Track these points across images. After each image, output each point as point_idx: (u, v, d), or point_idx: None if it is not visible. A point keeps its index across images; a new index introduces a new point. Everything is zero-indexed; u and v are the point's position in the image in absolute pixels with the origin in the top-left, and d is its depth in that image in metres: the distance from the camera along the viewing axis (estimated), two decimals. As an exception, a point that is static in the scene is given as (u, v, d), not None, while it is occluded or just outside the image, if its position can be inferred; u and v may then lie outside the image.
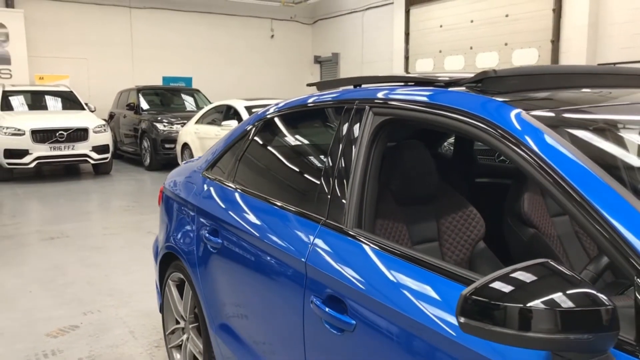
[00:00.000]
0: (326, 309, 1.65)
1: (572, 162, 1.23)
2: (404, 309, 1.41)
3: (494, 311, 0.98)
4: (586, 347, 0.97)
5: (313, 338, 1.74)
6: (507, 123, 1.38)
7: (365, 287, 1.55)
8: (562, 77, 1.75)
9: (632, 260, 1.05)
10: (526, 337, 0.96)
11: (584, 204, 1.15)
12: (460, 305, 1.02)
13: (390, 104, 1.81)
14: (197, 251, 2.57)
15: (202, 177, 2.84)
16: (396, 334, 1.43)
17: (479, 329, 1.00)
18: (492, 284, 1.01)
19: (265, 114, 2.56)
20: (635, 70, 1.90)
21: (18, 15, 13.78)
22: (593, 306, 0.95)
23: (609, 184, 1.16)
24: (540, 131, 1.32)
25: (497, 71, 1.60)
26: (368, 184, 1.79)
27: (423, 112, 1.66)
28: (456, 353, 1.26)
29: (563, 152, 1.26)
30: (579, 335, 0.94)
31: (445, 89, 1.70)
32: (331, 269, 1.69)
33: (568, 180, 1.20)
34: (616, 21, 10.08)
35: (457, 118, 1.52)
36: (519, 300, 0.96)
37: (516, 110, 1.42)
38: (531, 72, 1.67)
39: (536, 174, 1.27)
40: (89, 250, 5.67)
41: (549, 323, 0.94)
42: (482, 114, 1.46)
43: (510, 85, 1.60)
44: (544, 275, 1.00)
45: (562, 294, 0.96)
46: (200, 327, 2.63)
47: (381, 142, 1.84)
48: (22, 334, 3.61)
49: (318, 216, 1.89)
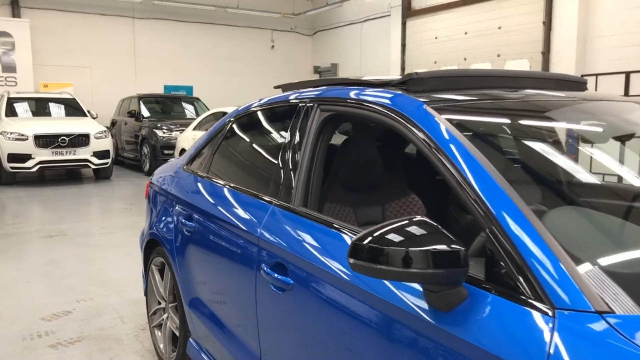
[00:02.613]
0: (273, 274, 1.94)
1: (454, 141, 1.51)
2: (326, 267, 1.70)
3: (380, 255, 1.26)
4: (447, 279, 1.25)
5: (262, 300, 2.03)
6: (411, 113, 1.68)
7: (301, 252, 1.84)
8: (478, 79, 2.04)
9: (483, 213, 1.33)
10: (406, 273, 1.23)
11: (457, 174, 1.44)
12: (351, 250, 1.30)
13: (332, 102, 2.10)
14: (175, 236, 2.87)
15: (183, 170, 3.14)
16: (321, 286, 1.72)
17: (368, 268, 1.28)
18: (375, 234, 1.29)
19: (236, 114, 2.87)
20: (546, 74, 2.19)
21: (24, 25, 14.19)
22: (452, 249, 1.23)
23: (477, 158, 1.44)
24: (436, 121, 1.61)
25: (418, 73, 1.89)
26: (314, 169, 2.08)
27: (355, 107, 1.95)
28: (349, 289, 1.59)
29: (448, 135, 1.54)
30: (442, 270, 1.22)
31: (377, 88, 1.99)
32: (277, 240, 1.98)
33: (447, 155, 1.48)
34: (604, 34, 10.33)
35: (376, 110, 1.82)
36: (404, 245, 1.23)
37: (421, 103, 1.70)
38: (448, 74, 1.97)
39: (429, 154, 1.55)
40: (85, 247, 5.96)
41: (423, 262, 1.22)
42: (395, 106, 1.75)
43: (430, 85, 1.89)
44: (423, 230, 1.28)
45: (432, 241, 1.25)
46: (177, 305, 2.92)
47: (326, 134, 2.13)
48: (18, 318, 3.90)
49: (272, 198, 2.18)
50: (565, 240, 1.25)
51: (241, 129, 2.86)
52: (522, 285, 1.20)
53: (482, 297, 1.27)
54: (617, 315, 1.08)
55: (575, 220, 1.49)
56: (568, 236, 1.33)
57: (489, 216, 1.31)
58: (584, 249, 1.30)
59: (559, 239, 1.24)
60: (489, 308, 1.24)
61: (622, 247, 1.41)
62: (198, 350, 2.69)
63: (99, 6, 15.40)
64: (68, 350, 3.39)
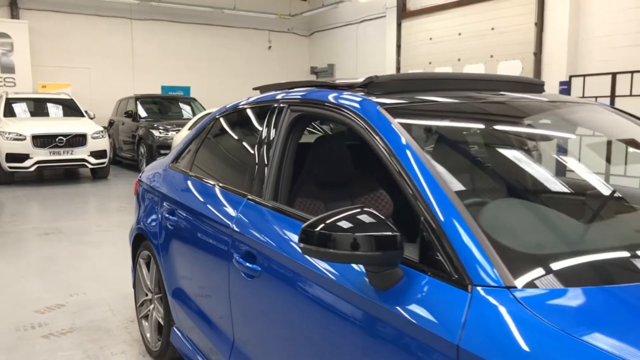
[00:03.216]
0: (244, 262, 2.09)
1: (399, 139, 1.67)
2: (289, 254, 1.85)
3: (329, 240, 1.41)
4: (385, 260, 1.41)
5: (234, 287, 2.18)
6: (365, 112, 1.83)
7: (268, 241, 1.99)
8: (435, 82, 2.19)
9: (420, 205, 1.48)
10: (352, 255, 1.39)
11: (400, 169, 1.59)
12: (301, 236, 1.45)
13: (300, 103, 2.26)
14: (160, 230, 3.02)
15: (169, 168, 3.30)
16: (284, 272, 1.88)
17: (318, 252, 1.43)
18: (328, 220, 1.43)
19: (217, 114, 3.02)
20: (504, 77, 2.34)
21: (22, 26, 14.35)
22: (390, 235, 1.39)
23: (417, 152, 1.60)
24: (386, 120, 1.76)
25: (378, 77, 2.05)
26: (285, 165, 2.23)
27: (319, 108, 2.11)
28: (306, 274, 1.75)
29: (395, 134, 1.69)
30: (382, 252, 1.38)
31: (341, 90, 2.14)
32: (248, 231, 2.13)
33: (392, 151, 1.64)
34: (595, 35, 10.43)
35: (336, 110, 1.97)
36: (351, 231, 1.39)
37: (375, 104, 1.86)
38: (406, 77, 2.12)
39: (378, 149, 1.71)
40: (80, 244, 6.12)
41: (366, 246, 1.38)
42: (351, 107, 1.90)
43: (388, 87, 2.04)
44: (364, 218, 1.43)
45: (374, 228, 1.40)
46: (162, 296, 3.07)
47: (296, 133, 2.28)
48: (13, 311, 4.05)
49: (245, 192, 2.34)
50: (488, 228, 1.40)
51: (221, 129, 3.02)
52: (448, 265, 1.35)
53: (415, 276, 1.42)
54: (522, 290, 1.23)
55: (503, 210, 1.64)
56: (492, 224, 1.48)
57: (423, 205, 1.47)
58: (503, 235, 1.45)
59: (483, 227, 1.39)
60: (419, 286, 1.39)
61: (538, 233, 1.56)
62: (181, 338, 2.84)
63: (97, 7, 15.56)
64: (60, 341, 3.54)
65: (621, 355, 1.02)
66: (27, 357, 3.31)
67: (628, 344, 1.05)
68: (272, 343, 1.98)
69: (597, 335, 1.09)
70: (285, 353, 1.90)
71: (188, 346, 2.74)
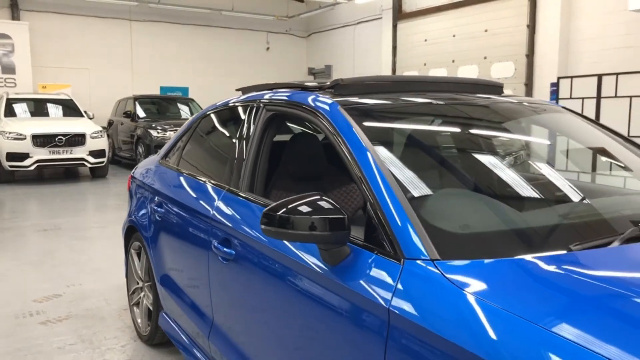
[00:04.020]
0: (221, 248, 2.30)
1: (353, 135, 1.88)
2: (258, 239, 2.06)
3: (287, 222, 1.61)
4: (334, 239, 1.62)
5: (213, 271, 2.40)
6: (326, 111, 2.04)
7: (241, 228, 2.21)
8: (396, 84, 2.40)
9: (367, 191, 1.69)
10: (306, 235, 1.59)
11: (352, 160, 1.80)
12: (263, 218, 1.66)
13: (274, 103, 2.47)
14: (149, 222, 3.23)
15: (158, 164, 3.51)
16: (254, 254, 2.09)
17: (277, 232, 1.64)
18: (289, 205, 1.63)
19: (202, 114, 3.24)
20: (464, 79, 2.55)
21: (23, 27, 14.58)
22: (339, 217, 1.59)
23: (367, 146, 1.81)
24: (344, 118, 1.97)
25: (343, 80, 2.26)
26: (260, 160, 2.44)
27: (289, 107, 2.32)
28: (271, 254, 1.97)
29: (350, 130, 1.90)
30: (332, 232, 1.59)
31: (310, 92, 2.35)
32: (225, 219, 2.34)
33: (347, 144, 1.85)
34: (586, 37, 10.61)
35: (303, 109, 2.18)
36: (309, 214, 1.59)
37: (335, 104, 2.07)
38: (369, 80, 2.33)
39: (335, 143, 1.92)
40: (77, 240, 6.33)
41: (326, 227, 1.58)
42: (315, 106, 2.11)
43: (352, 89, 2.25)
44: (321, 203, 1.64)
45: (327, 212, 1.61)
46: (151, 284, 3.28)
47: (271, 131, 2.49)
48: (12, 300, 4.27)
49: (224, 185, 2.55)
50: (422, 212, 1.62)
51: (205, 127, 3.23)
52: (386, 243, 1.56)
53: (360, 253, 1.63)
54: (444, 262, 1.44)
55: (439, 197, 1.85)
56: (427, 209, 1.69)
57: (369, 192, 1.68)
58: (435, 218, 1.65)
59: (418, 211, 1.60)
60: (363, 261, 1.60)
61: (465, 217, 1.77)
62: (168, 321, 3.05)
63: (96, 9, 15.79)
64: (56, 327, 3.75)
65: (510, 310, 1.23)
66: (25, 341, 3.52)
67: (518, 303, 1.26)
68: (245, 318, 2.19)
69: (496, 295, 1.29)
70: (256, 325, 2.11)
71: (174, 328, 2.95)
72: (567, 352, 1.10)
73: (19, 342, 3.51)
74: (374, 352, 1.46)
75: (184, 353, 2.82)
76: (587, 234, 1.67)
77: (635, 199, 2.19)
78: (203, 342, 2.58)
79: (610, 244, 1.54)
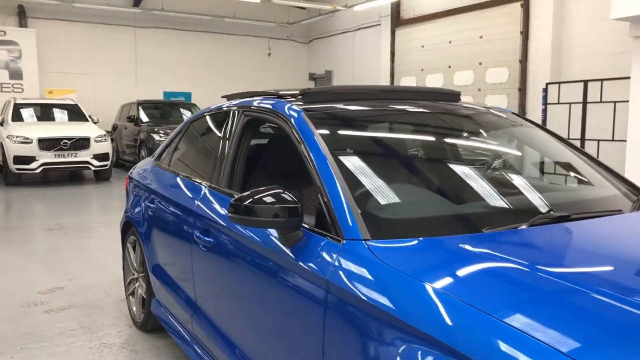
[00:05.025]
0: (202, 237, 2.61)
1: (312, 137, 2.19)
2: (232, 227, 2.37)
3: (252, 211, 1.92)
4: (290, 224, 1.93)
5: (195, 258, 2.71)
6: (293, 118, 2.35)
7: (219, 219, 2.52)
8: (358, 93, 2.71)
9: (318, 184, 2.00)
10: (266, 221, 1.91)
11: (309, 159, 2.11)
12: (231, 208, 1.97)
13: (250, 109, 2.78)
14: (143, 217, 3.55)
15: (152, 165, 3.83)
16: (228, 241, 2.40)
17: (241, 220, 1.95)
18: (256, 196, 1.94)
19: (193, 118, 3.56)
20: (421, 88, 2.86)
21: (30, 34, 15.00)
22: (293, 206, 1.90)
23: (321, 146, 2.12)
24: (307, 125, 2.28)
25: (310, 89, 2.57)
26: (238, 159, 2.75)
27: (262, 113, 2.63)
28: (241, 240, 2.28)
29: (310, 133, 2.21)
30: (289, 219, 1.90)
31: (280, 99, 2.66)
32: (205, 212, 2.66)
33: (306, 146, 2.16)
34: (577, 43, 10.83)
35: (273, 115, 2.49)
36: (274, 204, 1.91)
37: (300, 111, 2.37)
38: (334, 89, 2.65)
39: (297, 145, 2.23)
40: (81, 239, 6.67)
41: (283, 214, 1.89)
42: (283, 112, 2.43)
43: (319, 97, 2.57)
44: (279, 195, 1.95)
45: (283, 200, 1.92)
46: (145, 274, 3.60)
47: (248, 133, 2.80)
48: (19, 291, 4.60)
49: (207, 182, 2.86)
50: (362, 202, 1.93)
51: (193, 130, 3.56)
52: (331, 227, 1.87)
53: (310, 236, 1.94)
54: (373, 241, 1.75)
55: (380, 189, 2.16)
56: (366, 200, 2.01)
57: (319, 184, 1.99)
58: (372, 207, 1.97)
59: (358, 201, 1.91)
60: (312, 242, 1.91)
61: (398, 206, 2.09)
62: (159, 307, 3.37)
63: (101, 16, 16.18)
64: (58, 315, 4.07)
65: (416, 276, 1.53)
66: (30, 326, 3.84)
67: (424, 271, 1.56)
68: (220, 297, 2.51)
69: (415, 268, 1.60)
70: (228, 302, 2.44)
71: (164, 312, 3.26)
72: (445, 302, 1.42)
73: (25, 327, 3.83)
74: (318, 315, 1.77)
75: (172, 334, 3.14)
76: (500, 221, 1.97)
77: (553, 192, 2.53)
78: (187, 323, 2.89)
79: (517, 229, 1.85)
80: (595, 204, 2.35)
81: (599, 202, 2.35)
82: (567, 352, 1.17)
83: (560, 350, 1.18)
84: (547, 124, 10.22)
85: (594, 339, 1.23)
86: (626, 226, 2.06)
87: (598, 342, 1.22)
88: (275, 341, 2.07)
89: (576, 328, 1.26)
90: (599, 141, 9.19)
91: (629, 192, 2.42)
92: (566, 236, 1.90)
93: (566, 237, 1.90)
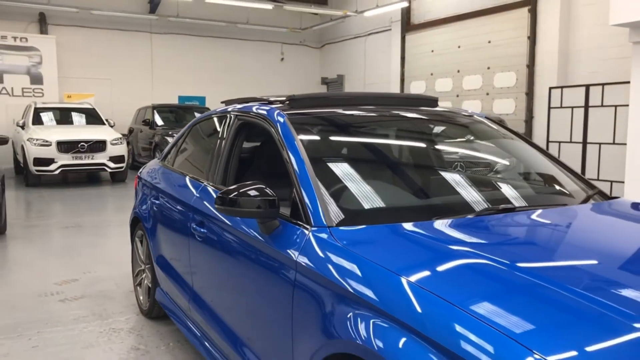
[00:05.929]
0: (198, 229, 2.91)
1: (292, 140, 2.47)
2: (221, 217, 2.66)
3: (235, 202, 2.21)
4: (269, 214, 2.21)
5: (192, 247, 3.01)
6: (277, 122, 2.63)
7: (212, 212, 2.81)
8: (339, 99, 2.99)
9: (293, 178, 2.28)
10: (248, 212, 2.20)
11: (286, 153, 2.39)
12: (217, 199, 2.26)
13: (242, 113, 3.07)
14: (149, 213, 3.86)
15: (159, 164, 4.14)
16: (220, 231, 2.69)
17: (226, 210, 2.24)
18: (241, 189, 2.23)
19: (194, 122, 3.87)
20: (400, 95, 3.13)
21: (50, 41, 15.52)
22: (271, 198, 2.19)
23: (298, 146, 2.40)
24: (289, 129, 2.56)
25: (295, 96, 2.86)
26: (232, 159, 3.04)
27: (251, 117, 2.92)
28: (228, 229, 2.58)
29: (290, 136, 2.49)
30: (267, 209, 2.18)
31: (269, 104, 2.94)
32: (201, 206, 2.96)
33: (286, 147, 2.44)
34: (584, 47, 10.92)
35: (260, 119, 2.78)
36: (255, 197, 2.19)
37: (284, 116, 2.66)
38: (317, 96, 2.93)
39: (280, 147, 2.51)
40: (96, 236, 7.03)
41: (264, 205, 2.18)
42: (269, 116, 2.71)
43: (303, 103, 2.85)
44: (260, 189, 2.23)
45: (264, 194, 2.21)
46: (150, 265, 3.91)
47: (241, 136, 3.09)
48: (36, 282, 4.94)
49: (204, 180, 3.16)
50: (331, 194, 2.20)
51: (194, 132, 3.87)
52: (302, 217, 2.15)
53: (286, 225, 2.23)
54: (335, 228, 2.03)
55: (348, 184, 2.43)
56: (335, 193, 2.28)
57: (294, 178, 2.28)
58: (337, 198, 2.24)
59: (327, 194, 2.19)
60: (287, 230, 2.20)
61: (362, 198, 2.36)
62: (162, 295, 3.67)
63: (119, 22, 16.67)
64: (72, 304, 4.40)
65: (376, 261, 1.79)
66: (46, 313, 4.18)
67: (377, 253, 1.84)
68: (213, 281, 2.80)
69: (367, 249, 1.87)
70: (217, 283, 2.74)
71: (167, 299, 3.57)
72: (375, 270, 1.71)
73: (41, 314, 4.17)
74: (288, 292, 2.05)
75: (174, 319, 3.44)
76: (451, 211, 2.23)
77: (505, 188, 2.80)
78: (186, 307, 3.19)
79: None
80: (541, 198, 2.61)
81: (546, 197, 2.62)
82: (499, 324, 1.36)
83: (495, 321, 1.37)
84: (550, 128, 10.38)
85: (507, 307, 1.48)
86: (563, 217, 2.32)
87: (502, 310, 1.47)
88: (255, 316, 2.36)
89: (478, 289, 1.56)
90: (600, 144, 9.35)
91: (582, 189, 2.67)
92: (507, 224, 2.17)
93: (507, 224, 2.17)
